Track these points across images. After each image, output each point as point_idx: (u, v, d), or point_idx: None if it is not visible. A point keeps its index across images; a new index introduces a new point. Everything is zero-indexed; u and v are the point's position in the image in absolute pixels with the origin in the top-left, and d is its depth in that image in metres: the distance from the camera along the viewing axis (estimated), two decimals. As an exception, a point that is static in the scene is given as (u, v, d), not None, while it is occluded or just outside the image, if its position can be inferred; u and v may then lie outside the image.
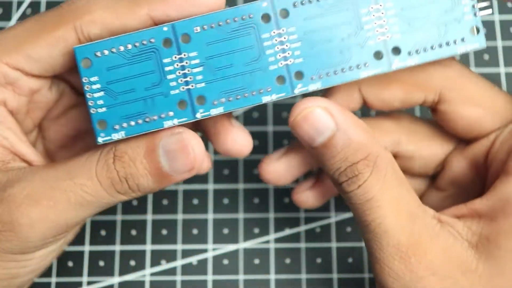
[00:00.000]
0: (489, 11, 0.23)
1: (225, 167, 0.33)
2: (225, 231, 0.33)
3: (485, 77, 0.26)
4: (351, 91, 0.25)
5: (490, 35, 0.35)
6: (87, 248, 0.33)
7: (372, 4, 0.23)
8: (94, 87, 0.22)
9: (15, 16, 0.36)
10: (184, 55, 0.22)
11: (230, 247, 0.32)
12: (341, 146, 0.22)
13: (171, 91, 0.23)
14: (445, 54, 0.23)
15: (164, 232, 0.33)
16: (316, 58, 0.23)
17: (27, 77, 0.24)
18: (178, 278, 0.32)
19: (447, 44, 0.23)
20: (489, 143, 0.25)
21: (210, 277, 0.32)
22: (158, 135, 0.23)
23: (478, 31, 0.23)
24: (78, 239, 0.32)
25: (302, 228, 0.33)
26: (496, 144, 0.25)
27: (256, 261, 0.32)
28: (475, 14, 0.23)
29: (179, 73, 0.23)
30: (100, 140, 0.23)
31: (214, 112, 0.23)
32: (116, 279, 0.32)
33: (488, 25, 0.35)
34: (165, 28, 0.22)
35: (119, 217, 0.33)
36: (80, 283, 0.32)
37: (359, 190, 0.23)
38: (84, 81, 0.22)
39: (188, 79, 0.23)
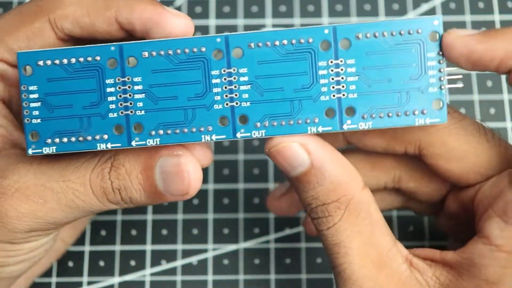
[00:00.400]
0: (460, 85, 0.22)
1: (225, 167, 0.33)
2: (225, 231, 0.33)
3: (485, 78, 0.26)
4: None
5: (490, 35, 0.35)
6: (87, 248, 0.33)
7: (332, 58, 0.22)
8: (31, 96, 0.22)
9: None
10: (128, 78, 0.22)
11: (230, 247, 0.32)
12: (313, 184, 0.22)
13: (109, 114, 0.22)
14: (401, 124, 0.22)
15: (164, 232, 0.33)
16: (267, 105, 0.22)
17: (13, 68, 0.24)
18: (178, 278, 0.32)
19: (406, 114, 0.22)
20: (474, 193, 0.25)
21: (210, 277, 0.32)
22: (158, 152, 0.22)
23: (441, 105, 0.22)
24: (78, 239, 0.32)
25: (302, 228, 0.33)
26: (478, 196, 0.24)
27: (256, 261, 0.32)
28: (440, 87, 0.22)
29: (120, 96, 0.22)
30: (30, 151, 0.22)
31: (151, 142, 0.22)
32: (116, 279, 0.32)
33: (489, 25, 0.35)
34: (112, 48, 0.22)
35: (119, 217, 0.33)
36: (80, 283, 0.32)
37: (328, 232, 0.22)
38: (22, 88, 0.22)
39: (128, 104, 0.22)
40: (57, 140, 0.22)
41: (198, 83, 0.22)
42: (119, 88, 0.22)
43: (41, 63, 0.22)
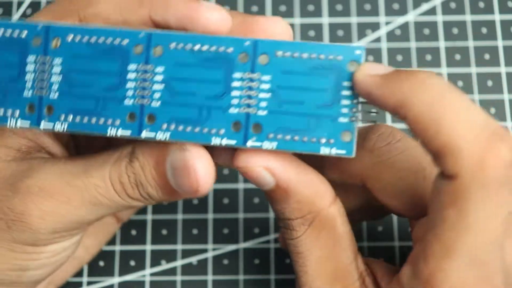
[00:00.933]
0: (374, 119, 0.21)
1: (225, 167, 0.33)
2: (225, 231, 0.33)
3: (487, 77, 0.25)
4: None
5: (491, 35, 0.35)
6: (87, 248, 0.33)
7: (248, 71, 0.21)
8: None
9: (15, 16, 0.36)
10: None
11: (230, 247, 0.32)
12: (279, 201, 0.22)
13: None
14: (306, 150, 0.21)
15: (164, 232, 0.33)
16: (176, 108, 0.21)
17: None
18: (178, 278, 0.32)
19: (312, 140, 0.21)
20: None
21: (210, 277, 0.32)
22: (169, 147, 0.22)
23: (350, 138, 0.21)
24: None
25: (302, 228, 0.32)
26: (412, 232, 0.24)
27: (256, 261, 0.32)
28: (351, 119, 0.21)
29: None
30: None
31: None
32: (116, 279, 0.32)
33: (489, 24, 0.35)
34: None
35: (119, 217, 0.33)
36: (80, 283, 0.32)
37: (291, 242, 0.23)
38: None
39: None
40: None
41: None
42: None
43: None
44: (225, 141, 0.21)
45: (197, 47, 0.21)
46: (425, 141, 0.20)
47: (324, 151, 0.21)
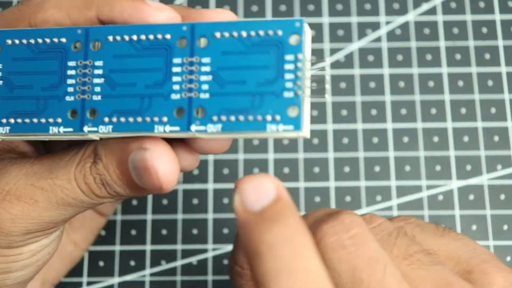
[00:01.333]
0: (325, 94, 0.20)
1: (225, 167, 0.33)
2: (225, 231, 0.33)
3: (487, 77, 0.25)
4: None
5: (491, 34, 0.35)
6: (87, 248, 0.33)
7: (187, 56, 0.21)
8: None
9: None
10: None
11: (230, 247, 0.32)
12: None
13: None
14: (251, 129, 0.20)
15: (164, 232, 0.33)
16: (117, 100, 0.21)
17: None
18: (178, 278, 0.32)
19: (257, 119, 0.20)
20: None
21: (210, 277, 0.32)
22: (129, 146, 0.22)
23: (297, 112, 0.20)
24: (78, 239, 0.32)
25: (303, 228, 0.32)
26: None
27: (256, 261, 0.32)
28: (296, 93, 0.20)
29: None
30: None
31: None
32: (116, 279, 0.32)
33: (489, 24, 0.35)
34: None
35: (119, 217, 0.33)
36: (80, 283, 0.32)
37: None
38: None
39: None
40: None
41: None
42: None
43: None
44: (168, 128, 0.21)
45: (134, 37, 0.21)
46: None
47: (271, 128, 0.20)
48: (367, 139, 0.34)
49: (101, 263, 0.32)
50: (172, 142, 0.22)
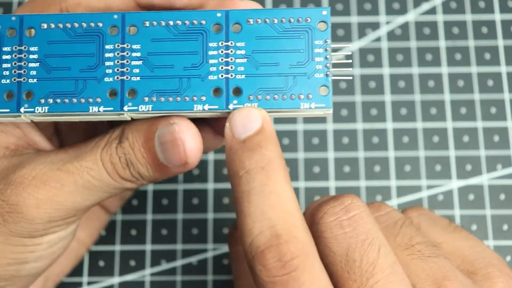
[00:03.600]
0: (349, 72, 0.23)
1: (225, 166, 0.33)
2: (225, 231, 0.33)
3: (486, 77, 0.25)
4: None
5: (491, 34, 0.35)
6: (87, 248, 0.33)
7: (222, 40, 0.22)
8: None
9: (15, 16, 0.36)
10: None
11: (230, 247, 0.32)
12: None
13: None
14: (286, 107, 0.22)
15: (164, 232, 0.33)
16: (156, 80, 0.22)
17: None
18: (178, 278, 0.32)
19: (291, 97, 0.22)
20: None
21: (210, 277, 0.32)
22: (156, 123, 0.23)
23: (327, 92, 0.22)
24: (78, 239, 0.32)
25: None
26: None
27: (256, 261, 0.32)
28: (326, 74, 0.22)
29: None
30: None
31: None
32: (116, 279, 0.32)
33: (489, 24, 0.35)
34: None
35: (119, 217, 0.33)
36: (80, 283, 0.32)
37: None
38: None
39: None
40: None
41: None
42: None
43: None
44: (207, 107, 0.22)
45: (171, 22, 0.22)
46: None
47: (304, 106, 0.22)
48: (367, 139, 0.34)
49: (101, 263, 0.32)
50: (197, 123, 0.23)
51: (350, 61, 0.24)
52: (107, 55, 0.23)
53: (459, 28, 0.35)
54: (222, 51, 0.22)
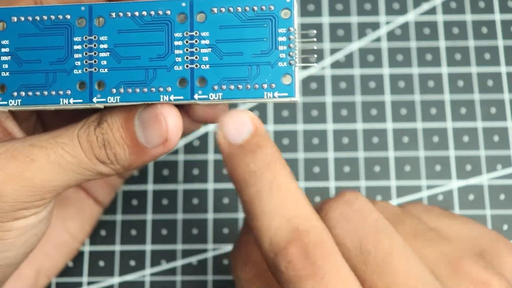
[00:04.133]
0: (313, 64, 0.23)
1: (225, 166, 0.33)
2: (225, 231, 0.33)
3: (487, 77, 0.26)
4: None
5: (491, 34, 0.35)
6: (87, 248, 0.32)
7: (187, 30, 0.22)
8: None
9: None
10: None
11: (230, 247, 0.32)
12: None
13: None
14: (250, 97, 0.22)
15: (164, 232, 0.33)
16: (123, 72, 0.23)
17: None
18: (178, 278, 0.32)
19: (255, 87, 0.22)
20: None
21: (210, 277, 0.32)
22: (138, 107, 0.23)
23: (291, 80, 0.22)
24: (78, 239, 0.32)
25: (303, 228, 0.32)
26: None
27: (256, 261, 0.32)
28: (289, 63, 0.22)
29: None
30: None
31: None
32: (116, 279, 0.32)
33: (489, 24, 0.35)
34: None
35: (119, 217, 0.33)
36: (80, 283, 0.32)
37: None
38: None
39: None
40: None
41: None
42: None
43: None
44: (173, 97, 0.22)
45: (136, 13, 0.23)
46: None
47: (268, 95, 0.22)
48: (367, 139, 0.34)
49: (101, 263, 0.32)
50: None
51: (315, 45, 0.23)
52: (75, 47, 0.23)
53: (459, 28, 0.35)
54: (187, 41, 0.22)
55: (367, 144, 0.33)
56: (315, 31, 0.23)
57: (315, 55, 0.23)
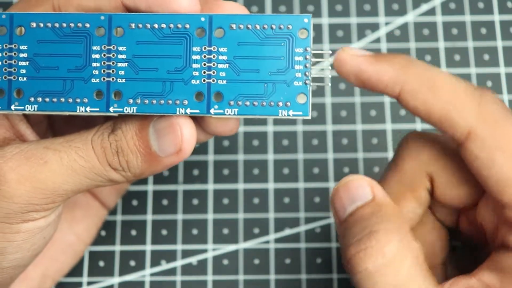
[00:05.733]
0: (327, 84, 0.23)
1: (225, 167, 0.33)
2: (225, 231, 0.33)
3: (486, 77, 0.26)
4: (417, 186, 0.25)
5: (490, 35, 0.35)
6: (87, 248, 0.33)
7: (205, 45, 0.23)
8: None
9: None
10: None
11: (230, 247, 0.32)
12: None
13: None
14: (265, 113, 0.23)
15: (164, 232, 0.33)
16: (141, 83, 0.23)
17: None
18: (178, 278, 0.32)
19: (270, 104, 0.23)
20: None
21: (210, 277, 0.32)
22: (152, 117, 0.23)
23: (305, 100, 0.23)
24: (78, 239, 0.32)
25: (302, 228, 0.33)
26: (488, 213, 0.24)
27: (256, 261, 0.32)
28: (305, 82, 0.23)
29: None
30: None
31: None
32: (116, 279, 0.32)
33: (488, 25, 0.35)
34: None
35: (119, 217, 0.33)
36: (80, 283, 0.32)
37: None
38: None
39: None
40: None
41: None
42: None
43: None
44: (189, 111, 0.23)
45: (156, 25, 0.23)
46: (425, 112, 0.22)
47: (282, 113, 0.23)
48: (366, 140, 0.34)
49: (101, 263, 0.32)
50: None
51: (329, 67, 0.24)
52: (93, 56, 0.23)
53: (458, 29, 0.35)
54: (205, 56, 0.23)
55: (366, 145, 0.34)
56: (330, 51, 0.24)
57: (330, 76, 0.23)
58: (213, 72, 0.23)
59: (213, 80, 0.23)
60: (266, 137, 0.34)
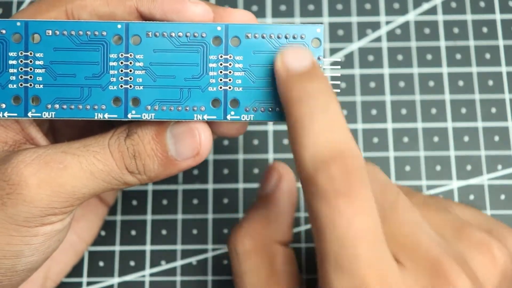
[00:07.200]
0: (337, 90, 0.24)
1: (225, 167, 0.33)
2: (225, 231, 0.33)
3: (488, 76, 0.26)
4: None
5: (492, 34, 0.35)
6: (86, 248, 0.33)
7: (222, 53, 0.23)
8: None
9: (15, 16, 0.36)
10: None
11: (230, 247, 0.32)
12: None
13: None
14: (277, 119, 0.24)
15: (164, 232, 0.33)
16: (158, 90, 0.23)
17: None
18: (178, 278, 0.32)
19: (277, 110, 0.24)
20: None
21: (210, 277, 0.32)
22: (168, 122, 0.24)
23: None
24: (78, 239, 0.32)
25: (302, 228, 0.32)
26: None
27: (256, 261, 0.32)
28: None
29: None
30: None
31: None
32: (116, 280, 0.32)
33: (489, 24, 0.35)
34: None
35: (119, 217, 0.33)
36: (80, 283, 0.32)
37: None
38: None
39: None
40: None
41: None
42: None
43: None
44: (206, 117, 0.23)
45: (173, 34, 0.23)
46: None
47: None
48: (367, 139, 0.33)
49: (101, 263, 0.32)
50: None
51: (339, 74, 0.25)
52: (111, 63, 0.23)
53: (459, 28, 0.35)
54: (221, 64, 0.23)
55: (367, 144, 0.33)
56: (341, 59, 0.24)
57: (339, 82, 0.24)
58: (230, 80, 0.23)
59: (230, 88, 0.23)
60: (266, 137, 0.34)
